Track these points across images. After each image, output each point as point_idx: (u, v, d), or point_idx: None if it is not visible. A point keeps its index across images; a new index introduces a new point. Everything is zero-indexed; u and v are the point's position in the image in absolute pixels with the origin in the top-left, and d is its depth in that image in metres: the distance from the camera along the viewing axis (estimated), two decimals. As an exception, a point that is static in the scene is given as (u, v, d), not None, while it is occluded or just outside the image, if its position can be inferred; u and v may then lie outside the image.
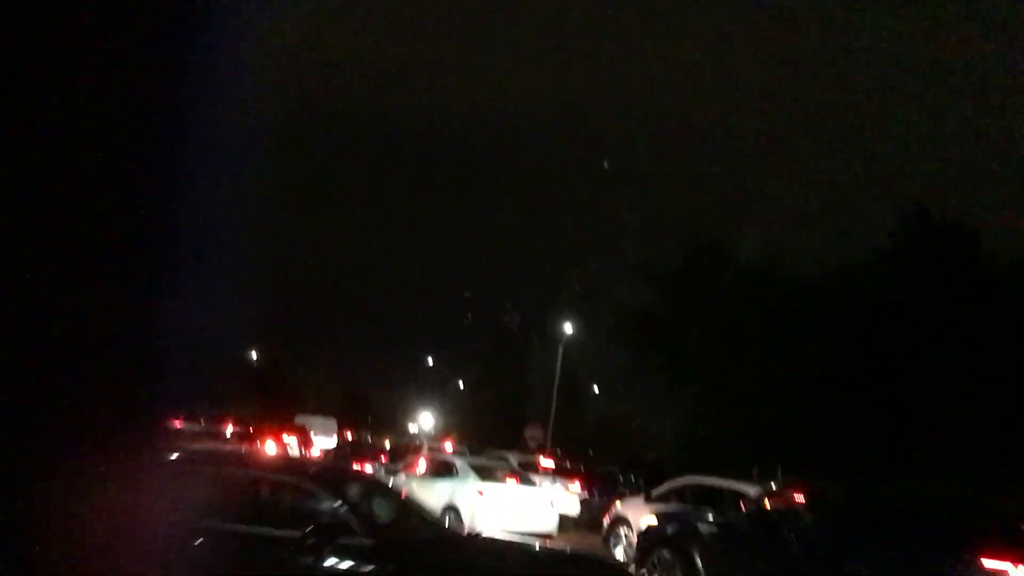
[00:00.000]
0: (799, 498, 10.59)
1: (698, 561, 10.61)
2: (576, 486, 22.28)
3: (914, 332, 21.86)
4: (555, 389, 42.55)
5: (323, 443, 33.39)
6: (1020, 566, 8.24)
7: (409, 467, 17.74)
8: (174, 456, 6.37)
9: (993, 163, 68.30)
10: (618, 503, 17.74)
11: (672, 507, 14.83)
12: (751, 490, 13.19)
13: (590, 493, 22.82)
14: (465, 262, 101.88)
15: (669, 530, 11.68)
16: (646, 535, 12.10)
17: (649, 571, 11.25)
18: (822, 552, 9.64)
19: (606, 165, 57.76)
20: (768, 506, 10.81)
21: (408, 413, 65.85)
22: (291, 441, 32.24)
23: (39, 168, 1.57)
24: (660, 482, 17.45)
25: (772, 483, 11.34)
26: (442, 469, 16.80)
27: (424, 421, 61.91)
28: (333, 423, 42.74)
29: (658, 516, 13.08)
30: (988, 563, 8.35)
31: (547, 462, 25.09)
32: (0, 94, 1.50)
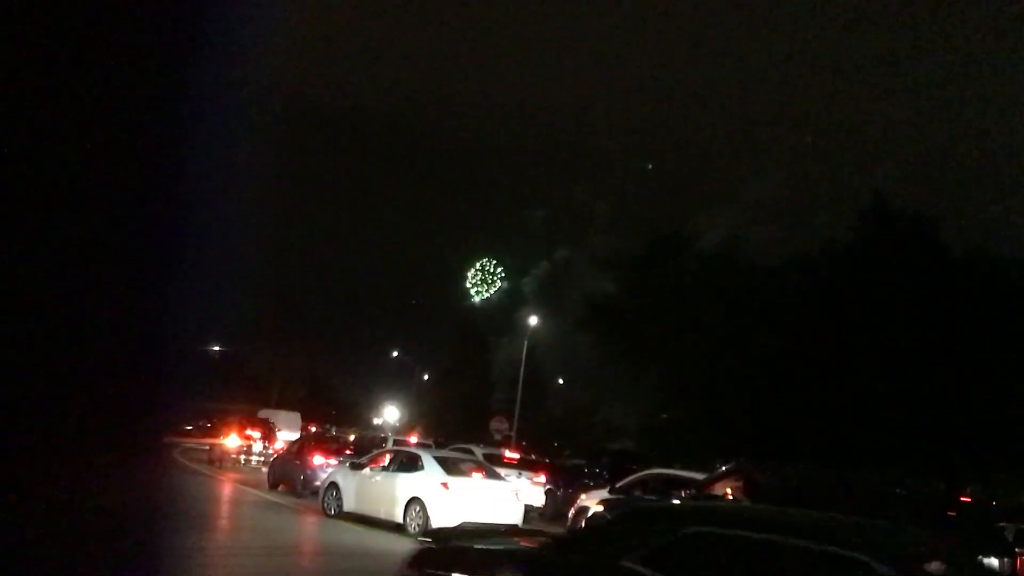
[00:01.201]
0: (741, 486, 10.87)
1: None
2: (541, 478, 22.40)
3: (872, 320, 22.24)
4: (520, 381, 42.70)
5: (287, 437, 33.18)
6: None
7: (375, 460, 17.72)
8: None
9: (953, 154, 69.54)
10: (583, 495, 17.99)
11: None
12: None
13: (555, 485, 22.99)
14: (432, 253, 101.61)
15: (611, 516, 11.92)
16: (590, 522, 12.33)
17: None
18: None
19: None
20: (710, 492, 11.06)
21: (373, 407, 65.69)
22: (255, 435, 32.03)
23: (34, 167, 1.58)
24: (624, 474, 17.71)
25: (717, 470, 11.56)
26: (408, 462, 16.81)
27: (389, 414, 61.79)
28: (297, 417, 42.52)
29: (603, 503, 13.34)
30: None
31: (512, 454, 25.20)
32: (2, 90, 1.51)
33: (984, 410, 20.31)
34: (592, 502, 16.49)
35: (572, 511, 17.57)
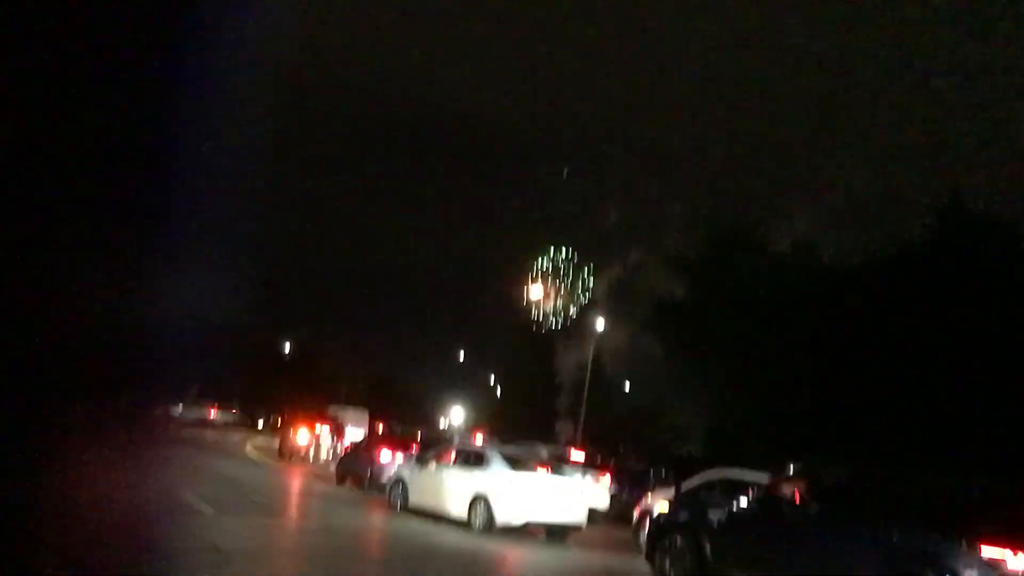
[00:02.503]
0: (806, 486, 10.68)
1: (707, 546, 10.75)
2: (606, 480, 22.28)
3: (947, 323, 21.61)
4: (586, 384, 42.58)
5: (354, 434, 33.64)
6: (1019, 553, 8.25)
7: (441, 456, 17.84)
8: None
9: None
10: (648, 496, 17.83)
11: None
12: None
13: (620, 487, 22.85)
14: (499, 255, 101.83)
15: (680, 517, 11.80)
16: (657, 521, 12.23)
17: (660, 556, 11.36)
18: (824, 537, 9.74)
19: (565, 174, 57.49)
20: (777, 493, 10.87)
21: (439, 407, 66.19)
22: (323, 431, 32.56)
23: (41, 151, 1.59)
24: (689, 476, 17.52)
25: (785, 472, 11.36)
26: (473, 458, 16.87)
27: (455, 415, 62.21)
28: (365, 414, 43.05)
29: (670, 503, 13.21)
30: (987, 550, 8.38)
31: (577, 455, 25.13)
32: (4, 86, 1.52)
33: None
34: (656, 504, 16.34)
35: (637, 513, 17.43)
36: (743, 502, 11.23)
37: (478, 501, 15.60)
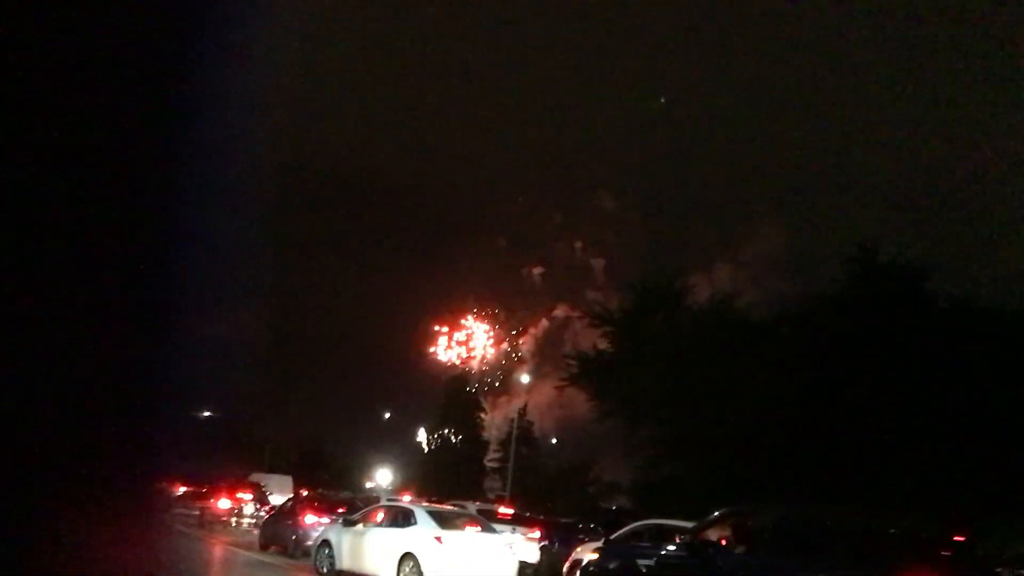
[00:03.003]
0: (732, 529, 10.88)
1: None
2: (536, 534, 22.19)
3: (860, 371, 22.35)
4: (513, 441, 42.56)
5: (278, 501, 32.82)
6: None
7: (368, 516, 17.57)
8: None
9: (939, 204, 70.61)
10: (578, 548, 17.85)
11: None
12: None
13: (550, 541, 22.75)
14: (422, 313, 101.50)
15: (609, 565, 11.86)
16: (587, 570, 12.26)
17: None
18: None
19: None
20: (703, 538, 11.04)
21: (365, 470, 65.08)
22: (246, 497, 31.74)
23: (32, 221, 1.62)
24: (620, 529, 17.63)
25: (710, 516, 11.54)
26: (401, 517, 16.65)
27: (382, 477, 61.23)
28: (289, 480, 42.13)
29: (599, 552, 13.27)
30: None
31: (506, 510, 24.99)
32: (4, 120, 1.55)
33: (978, 456, 20.35)
34: (585, 555, 16.39)
35: (567, 564, 17.42)
36: (671, 548, 11.36)
37: (407, 560, 15.38)
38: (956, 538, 10.17)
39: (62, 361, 1.60)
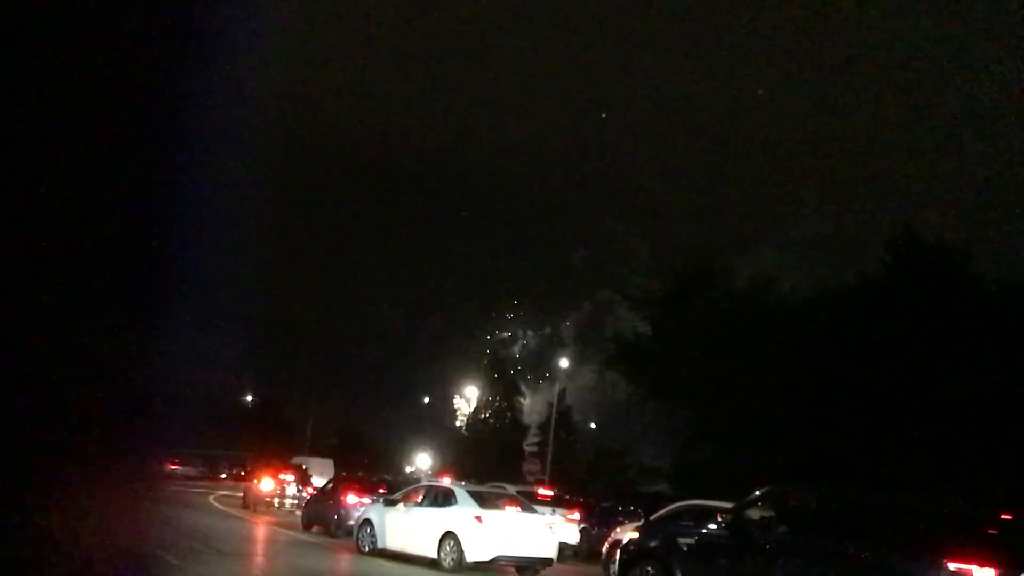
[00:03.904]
0: (774, 508, 10.78)
1: (677, 571, 10.75)
2: (575, 515, 22.22)
3: (903, 351, 22.04)
4: (552, 424, 42.59)
5: (320, 483, 33.25)
6: (985, 568, 8.42)
7: (409, 496, 17.72)
8: None
9: (984, 183, 69.31)
10: (618, 529, 17.83)
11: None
12: None
13: (589, 523, 22.79)
14: (461, 298, 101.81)
15: (650, 543, 11.81)
16: (627, 549, 12.22)
17: None
18: (793, 558, 9.84)
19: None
20: (745, 517, 10.95)
21: (405, 454, 65.63)
22: (289, 479, 32.19)
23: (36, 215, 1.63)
24: (658, 510, 17.57)
25: (752, 495, 11.44)
26: (442, 497, 16.79)
27: (421, 461, 61.69)
28: (330, 463, 42.57)
29: (640, 530, 13.23)
30: (953, 565, 8.55)
31: (546, 492, 25.06)
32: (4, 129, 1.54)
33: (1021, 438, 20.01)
34: (625, 536, 16.36)
35: (607, 545, 17.41)
36: (712, 527, 11.30)
37: (447, 539, 15.50)
38: (1003, 516, 10.02)
39: (66, 345, 1.60)
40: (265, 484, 31.41)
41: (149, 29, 1.71)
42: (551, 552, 16.10)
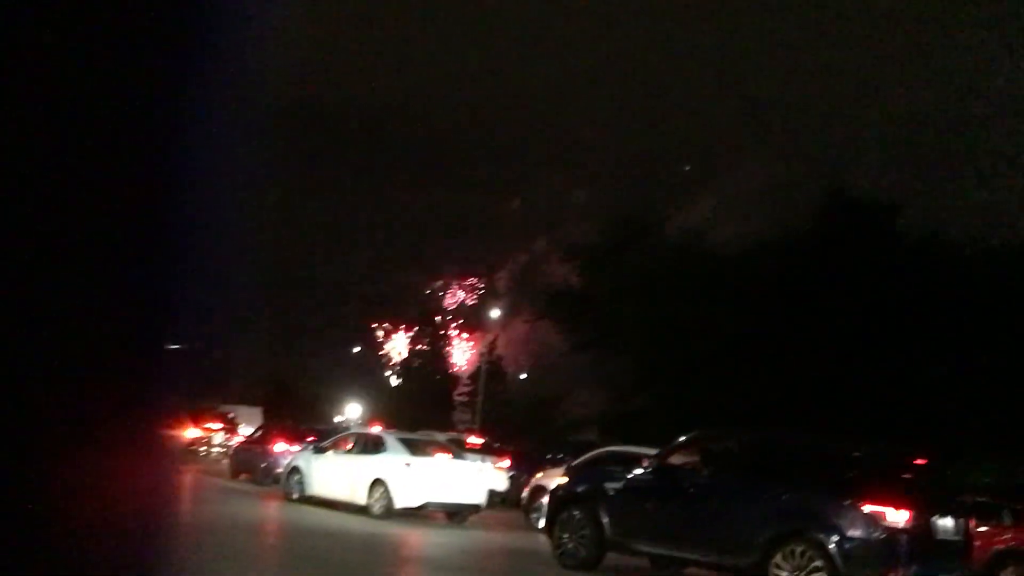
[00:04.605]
0: (699, 454, 11.02)
1: (604, 517, 10.92)
2: (505, 463, 22.40)
3: (833, 304, 22.60)
4: (481, 374, 42.80)
5: (248, 432, 32.93)
6: (899, 510, 8.76)
7: (338, 444, 17.64)
8: None
9: (911, 140, 71.09)
10: (538, 474, 18.00)
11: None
12: None
13: (519, 471, 22.98)
14: (392, 241, 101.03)
15: (577, 489, 11.97)
16: (555, 495, 12.37)
17: (559, 529, 11.49)
18: (716, 500, 10.10)
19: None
20: (671, 463, 11.17)
21: (335, 404, 65.32)
22: (215, 427, 31.84)
23: (27, 169, 1.56)
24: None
25: (675, 442, 11.66)
26: (371, 444, 16.75)
27: (351, 411, 61.50)
28: (258, 412, 42.21)
29: (567, 475, 13.42)
30: (867, 507, 8.89)
31: (476, 440, 25.20)
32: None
33: (946, 386, 20.78)
34: (547, 481, 16.62)
35: (527, 491, 17.63)
36: (638, 472, 11.48)
37: (377, 486, 15.48)
38: (918, 461, 10.38)
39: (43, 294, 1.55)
40: (189, 432, 30.96)
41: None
42: (480, 499, 16.21)
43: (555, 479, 16.52)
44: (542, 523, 16.30)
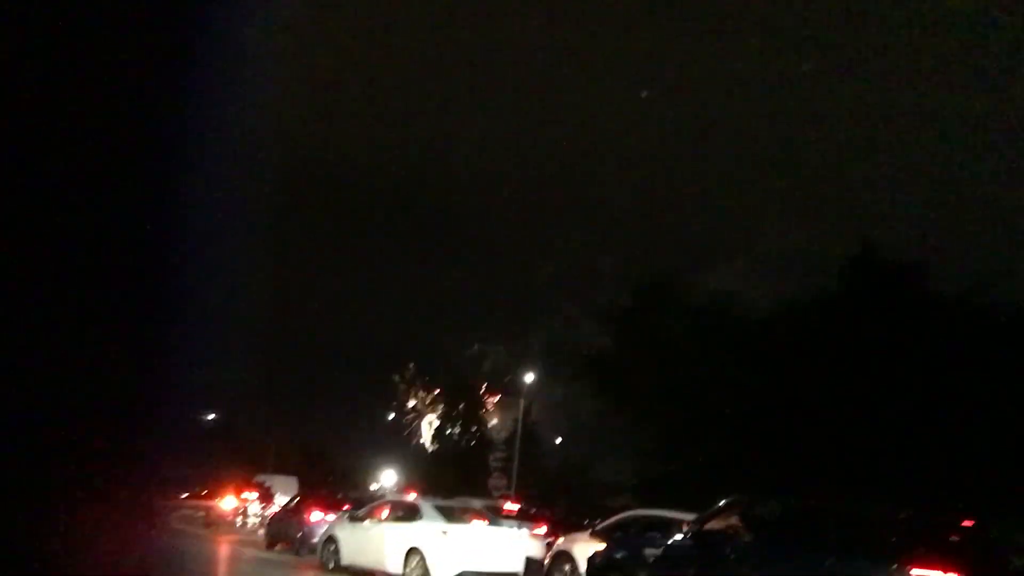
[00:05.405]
0: (739, 518, 10.93)
1: None
2: (541, 529, 22.20)
3: (863, 367, 22.41)
4: (517, 439, 42.57)
5: (284, 501, 32.96)
6: (948, 573, 8.64)
7: (374, 512, 17.65)
8: None
9: (940, 198, 70.71)
10: (561, 538, 17.85)
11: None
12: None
13: (555, 537, 22.76)
14: (421, 312, 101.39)
15: (616, 555, 11.92)
16: (594, 561, 12.31)
17: None
18: (760, 567, 9.99)
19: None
20: (710, 527, 11.10)
21: (369, 471, 65.03)
22: (251, 496, 31.91)
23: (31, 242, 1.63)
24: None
25: (713, 507, 11.59)
26: (407, 512, 16.75)
27: (386, 478, 61.21)
28: (294, 481, 42.17)
29: (607, 542, 13.34)
30: (916, 571, 8.77)
31: (512, 506, 25.02)
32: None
33: (982, 450, 20.41)
34: (568, 546, 16.54)
35: (549, 555, 17.47)
36: (678, 538, 11.42)
37: (413, 555, 15.47)
38: (964, 523, 10.23)
39: (59, 360, 1.61)
40: (227, 502, 31.07)
41: (155, 36, 1.76)
42: (518, 567, 16.11)
43: (578, 543, 16.45)
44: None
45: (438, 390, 62.12)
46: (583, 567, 14.11)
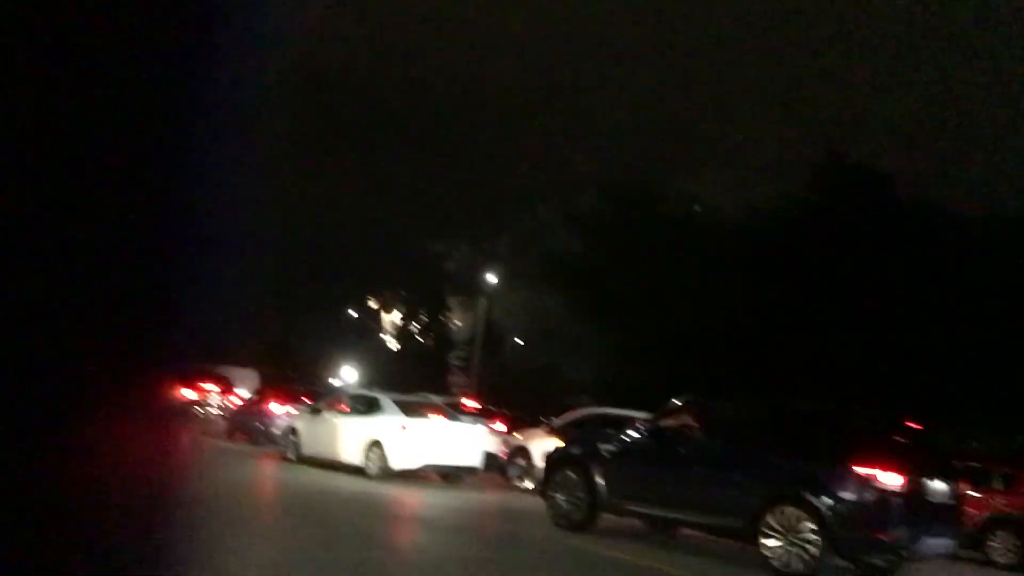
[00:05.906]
0: (694, 418, 11.14)
1: (598, 478, 11.06)
2: (500, 426, 22.52)
3: (830, 272, 22.65)
4: (479, 338, 42.90)
5: (244, 393, 33.04)
6: (888, 472, 8.87)
7: (335, 405, 17.71)
8: None
9: (908, 108, 70.71)
10: (515, 434, 18.21)
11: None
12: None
13: (513, 433, 23.10)
14: (391, 209, 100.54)
15: (573, 451, 12.11)
16: (551, 457, 12.50)
17: (554, 490, 11.65)
18: (710, 463, 10.23)
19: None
20: (666, 426, 11.29)
21: (330, 366, 65.38)
22: (212, 389, 31.91)
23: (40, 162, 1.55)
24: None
25: (668, 405, 11.78)
26: (367, 405, 16.80)
27: (347, 374, 61.64)
28: (255, 374, 42.21)
29: (563, 439, 13.58)
30: (859, 469, 9.00)
31: (471, 403, 25.29)
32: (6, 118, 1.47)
33: (933, 355, 20.91)
34: (525, 441, 16.91)
35: (507, 450, 17.89)
36: (633, 435, 11.57)
37: (373, 447, 15.58)
38: (911, 426, 10.47)
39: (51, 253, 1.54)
40: (187, 393, 31.12)
41: None
42: (476, 461, 16.32)
43: (536, 439, 16.82)
44: (521, 483, 16.70)
45: (401, 290, 62.23)
46: (540, 463, 14.39)
